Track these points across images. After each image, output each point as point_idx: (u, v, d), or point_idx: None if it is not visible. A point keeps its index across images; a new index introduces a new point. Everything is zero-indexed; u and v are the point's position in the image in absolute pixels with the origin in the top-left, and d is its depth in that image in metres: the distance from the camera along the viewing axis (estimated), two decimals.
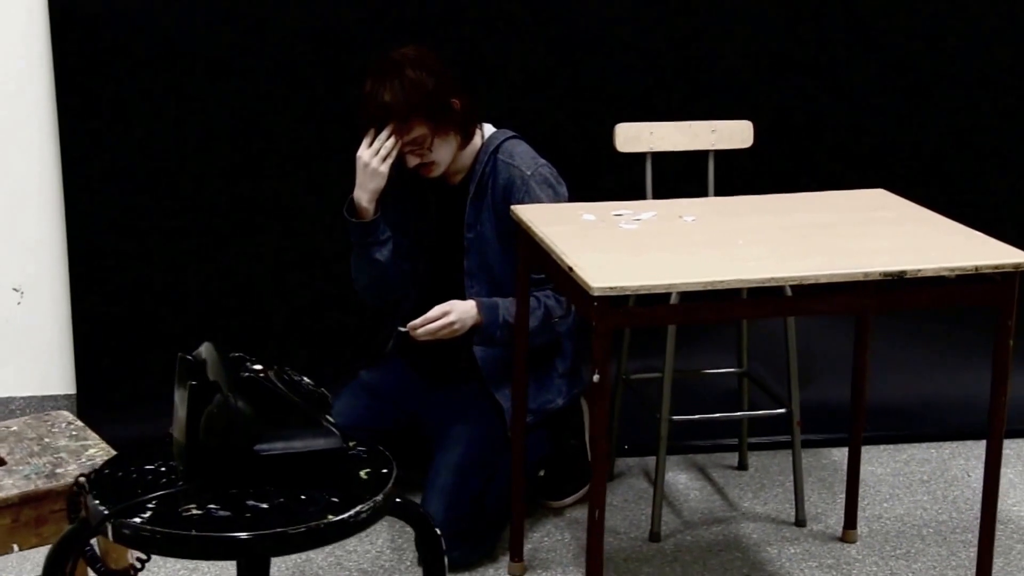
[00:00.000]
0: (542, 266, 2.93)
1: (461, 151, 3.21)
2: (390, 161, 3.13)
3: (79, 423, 2.30)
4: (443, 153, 3.17)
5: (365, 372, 3.46)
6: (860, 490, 3.54)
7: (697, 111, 3.60)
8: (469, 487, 3.13)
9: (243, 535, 1.77)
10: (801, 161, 3.90)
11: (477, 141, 3.24)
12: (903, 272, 2.46)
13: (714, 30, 3.83)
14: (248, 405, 1.75)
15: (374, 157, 3.13)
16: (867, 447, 3.81)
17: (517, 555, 3.11)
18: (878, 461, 3.73)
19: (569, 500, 3.46)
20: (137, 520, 1.79)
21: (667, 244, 2.64)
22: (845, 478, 3.32)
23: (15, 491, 2.03)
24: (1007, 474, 3.66)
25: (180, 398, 1.81)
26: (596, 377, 2.43)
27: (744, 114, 3.52)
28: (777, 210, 2.93)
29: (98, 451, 2.18)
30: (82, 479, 1.81)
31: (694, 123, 3.48)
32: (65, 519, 1.90)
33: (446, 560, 2.02)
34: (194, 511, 1.80)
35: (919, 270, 2.47)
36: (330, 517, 1.79)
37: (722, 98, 3.80)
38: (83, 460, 2.15)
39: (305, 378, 1.87)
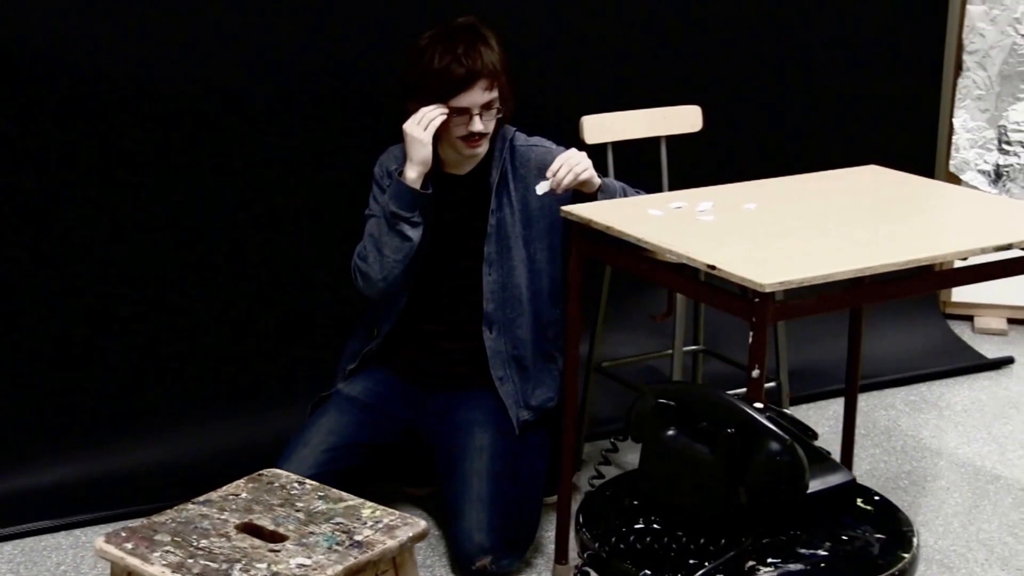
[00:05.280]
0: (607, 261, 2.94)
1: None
2: (432, 129, 3.09)
3: (308, 481, 2.07)
4: (493, 128, 3.16)
5: (344, 384, 3.31)
6: None
7: (645, 99, 3.64)
8: (506, 492, 3.08)
9: None
10: (751, 144, 4.03)
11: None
12: (1010, 244, 2.64)
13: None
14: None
15: (416, 126, 3.10)
16: (793, 407, 4.01)
17: (562, 557, 3.07)
18: (811, 420, 3.92)
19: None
20: None
21: (771, 234, 2.68)
22: None
23: (338, 567, 1.82)
24: (929, 421, 3.94)
25: (675, 445, 1.70)
26: (756, 372, 2.45)
27: (693, 99, 3.61)
28: (817, 193, 3.03)
29: (371, 509, 1.96)
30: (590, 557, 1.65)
31: (649, 110, 3.55)
32: None
33: None
34: (764, 571, 1.70)
35: (1022, 242, 2.66)
36: (903, 555, 1.74)
37: (671, 85, 3.86)
38: (368, 522, 1.94)
39: (786, 410, 1.80)
